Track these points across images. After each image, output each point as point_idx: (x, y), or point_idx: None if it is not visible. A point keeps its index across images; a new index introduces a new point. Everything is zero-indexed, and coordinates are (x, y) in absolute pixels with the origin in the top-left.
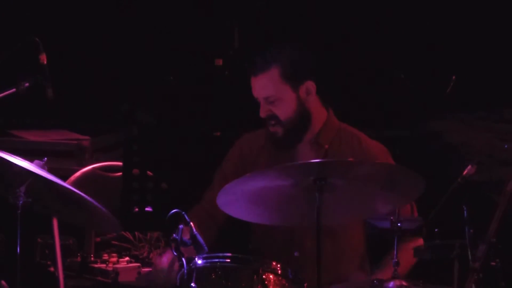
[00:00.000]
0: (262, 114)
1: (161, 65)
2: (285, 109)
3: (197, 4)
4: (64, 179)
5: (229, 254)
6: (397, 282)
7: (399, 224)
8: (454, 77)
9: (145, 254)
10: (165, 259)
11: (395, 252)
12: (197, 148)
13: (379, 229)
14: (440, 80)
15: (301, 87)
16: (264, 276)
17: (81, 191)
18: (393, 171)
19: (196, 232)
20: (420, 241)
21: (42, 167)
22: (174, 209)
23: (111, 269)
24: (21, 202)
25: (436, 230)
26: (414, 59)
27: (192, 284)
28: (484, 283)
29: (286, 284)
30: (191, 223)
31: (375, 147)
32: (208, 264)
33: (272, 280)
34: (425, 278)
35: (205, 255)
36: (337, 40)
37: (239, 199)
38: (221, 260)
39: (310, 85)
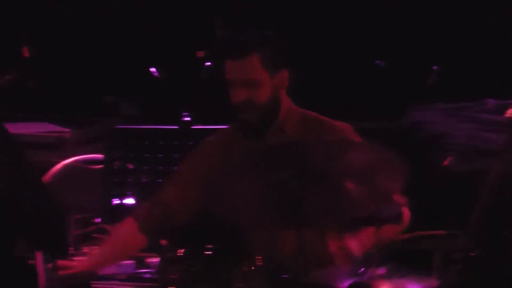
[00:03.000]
0: (237, 98)
1: (143, 57)
2: (260, 95)
3: None
4: (45, 171)
5: (210, 246)
6: (388, 271)
7: (379, 213)
8: (436, 67)
9: None
10: None
11: (376, 239)
12: (178, 141)
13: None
14: (423, 70)
15: (277, 75)
16: (245, 269)
17: (61, 184)
18: (376, 157)
19: None
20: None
21: None
22: None
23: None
24: None
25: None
26: (397, 49)
27: (172, 276)
28: (465, 274)
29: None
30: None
31: (339, 126)
32: (188, 256)
33: (250, 273)
34: (406, 267)
35: (185, 246)
36: (316, 29)
37: None
38: (201, 251)
39: (285, 73)
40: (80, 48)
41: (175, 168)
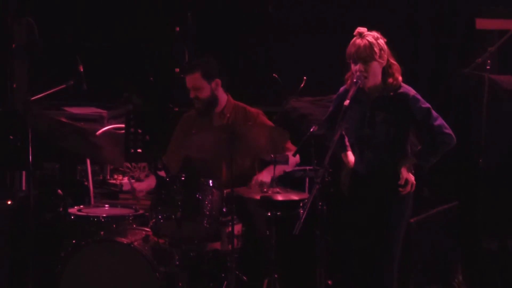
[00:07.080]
0: (191, 96)
1: (145, 69)
2: (203, 94)
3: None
4: (94, 133)
5: (183, 175)
6: (280, 190)
7: (275, 159)
8: (305, 78)
9: (136, 175)
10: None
11: (274, 172)
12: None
13: (264, 161)
14: (295, 79)
15: (213, 82)
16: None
17: (102, 142)
18: (271, 130)
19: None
20: (287, 168)
21: None
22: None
23: (118, 183)
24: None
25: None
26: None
27: (163, 191)
28: (321, 190)
29: (214, 190)
30: (162, 158)
31: (254, 111)
32: (171, 180)
33: (209, 186)
34: (291, 187)
35: (170, 175)
36: (236, 54)
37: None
38: (179, 177)
39: (218, 81)
40: (109, 66)
41: (166, 131)
